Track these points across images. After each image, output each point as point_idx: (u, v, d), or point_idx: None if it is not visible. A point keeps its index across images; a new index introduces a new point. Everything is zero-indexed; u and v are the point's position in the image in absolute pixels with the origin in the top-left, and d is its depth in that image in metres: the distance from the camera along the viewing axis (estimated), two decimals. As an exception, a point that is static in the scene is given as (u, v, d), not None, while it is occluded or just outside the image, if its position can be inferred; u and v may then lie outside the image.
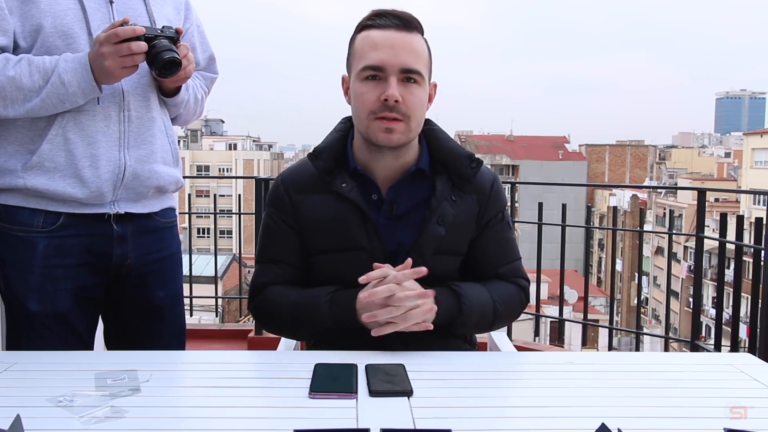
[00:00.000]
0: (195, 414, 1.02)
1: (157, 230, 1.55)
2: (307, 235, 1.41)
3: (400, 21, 1.33)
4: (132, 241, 1.48)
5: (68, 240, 1.41)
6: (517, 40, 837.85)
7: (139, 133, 1.46)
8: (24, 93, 1.32)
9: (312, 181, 1.40)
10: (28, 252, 1.40)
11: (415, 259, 1.35)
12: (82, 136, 1.39)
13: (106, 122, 1.41)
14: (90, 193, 1.40)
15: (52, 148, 1.38)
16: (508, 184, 4.63)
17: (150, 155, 1.48)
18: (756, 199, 28.45)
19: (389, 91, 1.30)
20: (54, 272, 1.41)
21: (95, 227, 1.44)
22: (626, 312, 26.45)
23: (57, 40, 1.36)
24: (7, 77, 1.32)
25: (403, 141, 1.35)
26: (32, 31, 1.35)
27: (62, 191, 1.38)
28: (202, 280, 5.25)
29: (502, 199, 1.48)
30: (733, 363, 1.27)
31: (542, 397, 1.12)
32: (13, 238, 1.40)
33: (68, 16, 1.37)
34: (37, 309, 1.40)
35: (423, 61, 1.35)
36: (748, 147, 37.32)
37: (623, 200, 36.50)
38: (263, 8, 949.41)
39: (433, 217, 1.37)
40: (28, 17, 1.34)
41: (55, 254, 1.41)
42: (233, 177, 43.53)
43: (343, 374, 1.12)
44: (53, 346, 1.40)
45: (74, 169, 1.39)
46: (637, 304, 4.22)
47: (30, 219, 1.40)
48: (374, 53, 1.31)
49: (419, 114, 1.36)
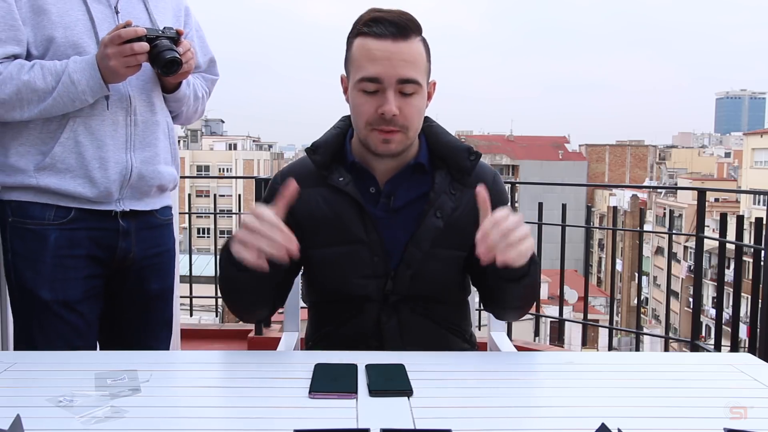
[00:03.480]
0: (195, 414, 1.02)
1: (157, 227, 1.65)
2: (304, 230, 1.40)
3: (397, 29, 1.30)
4: (135, 237, 1.58)
5: (78, 233, 1.50)
6: (516, 40, 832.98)
7: (144, 136, 1.55)
8: (38, 94, 1.41)
9: (310, 175, 1.40)
10: (40, 243, 1.48)
11: (413, 252, 1.36)
12: (91, 140, 1.48)
13: (114, 126, 1.50)
14: (99, 193, 1.50)
15: (63, 151, 1.47)
16: (508, 184, 4.64)
17: (154, 157, 1.57)
18: (756, 199, 28.46)
19: (386, 106, 1.29)
20: (65, 262, 1.49)
21: (102, 222, 1.53)
22: (626, 312, 26.45)
23: (68, 50, 1.45)
24: (23, 81, 1.40)
25: (401, 149, 1.35)
26: (44, 42, 1.44)
27: (73, 191, 1.48)
28: (202, 280, 5.25)
29: (504, 195, 1.47)
30: (733, 363, 1.27)
31: (542, 397, 1.12)
32: (25, 230, 1.49)
33: (78, 26, 1.46)
34: (49, 297, 1.48)
35: (421, 68, 1.33)
36: (748, 147, 37.33)
37: (623, 200, 36.51)
38: (263, 9, 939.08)
39: (431, 210, 1.37)
40: (40, 28, 1.43)
41: (65, 245, 1.49)
42: (233, 177, 43.48)
43: (343, 374, 1.12)
44: (64, 333, 1.49)
45: (85, 171, 1.48)
46: (637, 304, 4.22)
47: (42, 213, 1.48)
48: (371, 66, 1.30)
49: (417, 122, 1.36)
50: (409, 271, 1.36)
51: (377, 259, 1.36)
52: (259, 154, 52.63)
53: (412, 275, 1.36)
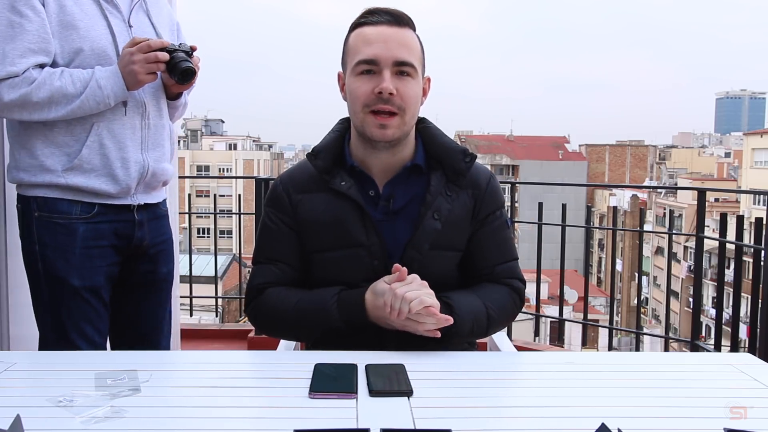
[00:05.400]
0: (195, 414, 1.02)
1: (162, 217, 1.87)
2: (306, 234, 1.42)
3: (392, 17, 1.36)
4: (147, 226, 1.78)
5: (101, 225, 1.69)
6: (516, 40, 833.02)
7: (155, 138, 1.75)
8: (68, 98, 1.59)
9: (311, 180, 1.42)
10: (69, 236, 1.65)
11: (413, 255, 1.37)
12: (114, 142, 1.67)
13: (132, 130, 1.70)
14: (120, 189, 1.69)
15: (90, 153, 1.64)
16: (508, 184, 4.64)
17: (162, 155, 1.78)
18: (756, 199, 28.45)
19: (383, 84, 1.32)
20: (91, 252, 1.68)
21: (121, 215, 1.72)
22: (626, 312, 26.46)
23: (92, 60, 1.64)
24: (56, 87, 1.58)
25: (398, 135, 1.37)
26: (71, 53, 1.62)
27: (98, 188, 1.66)
28: (202, 280, 5.25)
29: (499, 196, 1.48)
30: (733, 363, 1.27)
31: (542, 397, 1.12)
32: (54, 224, 1.65)
33: (102, 40, 1.65)
34: (79, 284, 1.66)
35: (416, 55, 1.37)
36: (748, 147, 37.32)
37: (623, 200, 36.50)
38: (264, 9, 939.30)
39: (428, 212, 1.38)
40: (68, 41, 1.61)
41: (92, 237, 1.67)
42: (233, 177, 43.56)
43: (343, 374, 1.12)
44: (90, 317, 1.68)
45: (108, 170, 1.66)
46: (637, 304, 4.22)
47: (69, 208, 1.65)
48: (368, 48, 1.34)
49: (414, 106, 1.38)
50: (409, 274, 1.36)
51: (377, 263, 1.37)
52: (259, 154, 52.63)
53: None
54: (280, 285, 1.42)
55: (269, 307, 1.41)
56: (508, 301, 1.44)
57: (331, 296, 1.35)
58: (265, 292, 1.42)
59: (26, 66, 1.56)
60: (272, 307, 1.40)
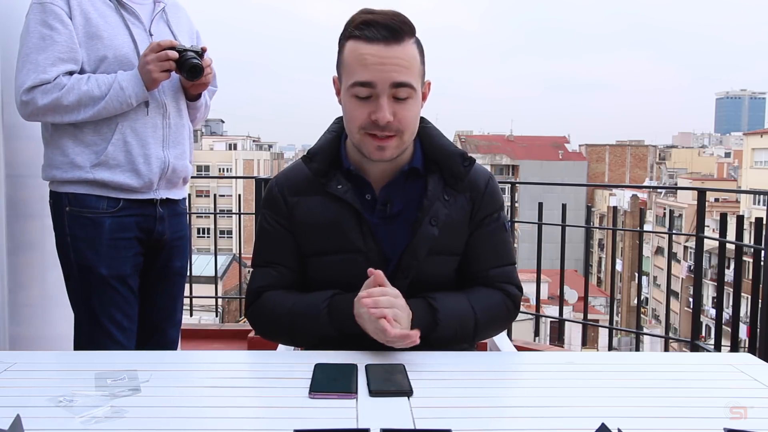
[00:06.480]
0: (195, 414, 1.02)
1: (180, 215, 2.01)
2: (302, 237, 1.40)
3: (389, 32, 1.27)
4: (167, 221, 1.92)
5: (126, 219, 1.83)
6: (516, 40, 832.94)
7: (176, 136, 1.90)
8: (94, 100, 1.74)
9: (306, 183, 1.40)
10: (97, 229, 1.80)
11: (410, 261, 1.35)
12: (137, 140, 1.81)
13: (154, 128, 1.84)
14: (143, 183, 1.83)
15: (115, 150, 1.80)
16: (508, 184, 4.64)
17: (183, 153, 1.93)
18: (756, 199, 28.45)
19: (379, 113, 1.27)
20: (118, 243, 1.82)
21: (144, 209, 1.86)
22: (626, 312, 26.46)
23: (116, 66, 1.79)
24: (83, 91, 1.74)
25: (396, 154, 1.34)
26: (96, 60, 1.79)
27: (122, 182, 1.81)
28: (202, 280, 5.24)
29: (497, 199, 1.45)
30: (733, 363, 1.27)
31: (542, 397, 1.12)
32: (83, 218, 1.80)
33: (125, 48, 1.81)
34: (107, 273, 1.80)
35: (414, 71, 1.31)
36: (748, 147, 37.32)
37: (623, 200, 36.50)
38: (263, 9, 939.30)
39: (425, 218, 1.35)
40: (94, 50, 1.78)
41: (118, 229, 1.82)
42: (233, 177, 43.48)
43: (343, 374, 1.12)
44: (118, 303, 1.82)
45: (132, 165, 1.81)
46: (637, 304, 4.22)
47: (96, 203, 1.80)
48: (364, 71, 1.27)
49: (413, 125, 1.34)
50: (406, 280, 1.35)
51: (374, 268, 1.34)
52: (259, 154, 52.61)
53: (410, 283, 1.36)
54: (279, 288, 1.40)
55: (266, 311, 1.39)
56: (500, 307, 1.40)
57: (323, 302, 1.32)
58: (262, 296, 1.40)
59: (57, 73, 1.72)
60: (269, 311, 1.39)
